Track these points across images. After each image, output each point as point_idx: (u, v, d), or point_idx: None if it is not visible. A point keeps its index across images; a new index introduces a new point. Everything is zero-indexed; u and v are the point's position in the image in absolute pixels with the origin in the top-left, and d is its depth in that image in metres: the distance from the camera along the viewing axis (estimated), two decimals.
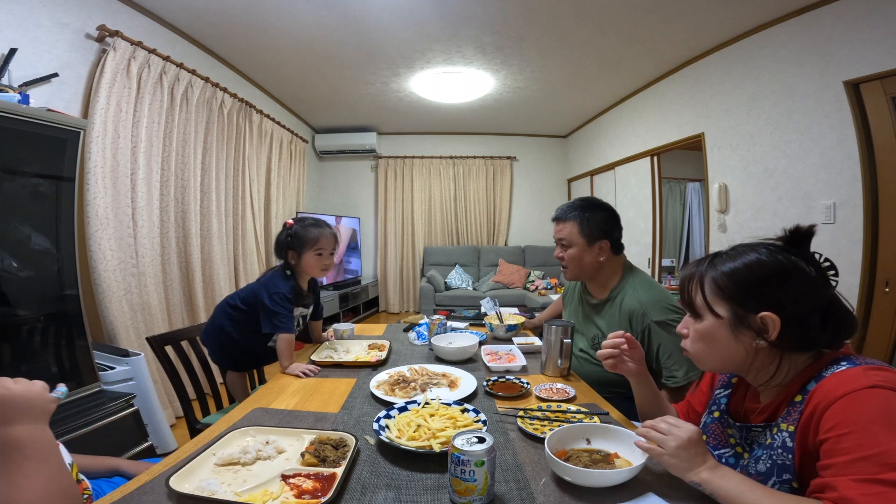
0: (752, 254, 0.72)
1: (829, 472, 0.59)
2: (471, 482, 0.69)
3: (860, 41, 2.23)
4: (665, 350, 1.27)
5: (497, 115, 5.10)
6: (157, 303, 2.61)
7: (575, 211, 1.43)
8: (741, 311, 0.71)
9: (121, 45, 2.32)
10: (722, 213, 3.21)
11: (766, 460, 0.71)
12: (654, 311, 1.30)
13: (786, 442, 0.68)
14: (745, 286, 0.71)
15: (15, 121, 1.50)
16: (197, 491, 0.72)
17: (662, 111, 3.84)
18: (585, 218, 1.41)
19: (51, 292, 1.70)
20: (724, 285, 0.73)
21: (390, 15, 2.78)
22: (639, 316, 1.31)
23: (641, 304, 1.32)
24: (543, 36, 3.08)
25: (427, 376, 1.29)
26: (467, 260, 5.80)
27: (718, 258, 0.76)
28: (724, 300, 0.73)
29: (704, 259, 0.78)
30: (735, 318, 0.72)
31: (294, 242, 1.58)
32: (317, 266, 1.61)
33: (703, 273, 0.76)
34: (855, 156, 2.28)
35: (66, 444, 0.78)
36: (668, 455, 0.72)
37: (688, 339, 0.80)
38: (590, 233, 1.40)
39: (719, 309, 0.73)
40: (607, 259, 1.42)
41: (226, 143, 3.39)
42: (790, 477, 0.67)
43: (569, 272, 1.48)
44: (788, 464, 0.67)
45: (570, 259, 1.44)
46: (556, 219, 1.48)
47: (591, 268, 1.43)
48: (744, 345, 0.72)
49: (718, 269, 0.74)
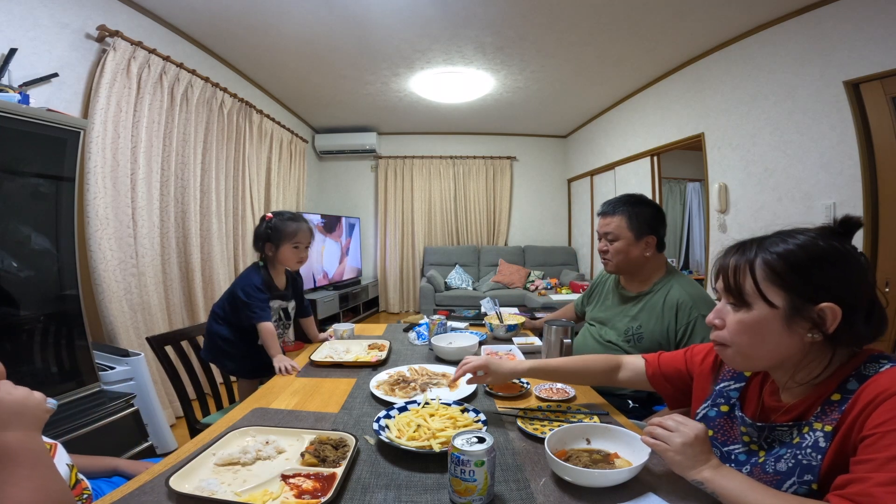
0: (802, 236, 0.66)
1: (863, 468, 0.56)
2: (471, 482, 0.69)
3: (860, 41, 2.23)
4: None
5: (497, 115, 5.10)
6: (157, 303, 2.61)
7: (623, 206, 1.45)
8: (799, 300, 0.64)
9: (121, 45, 2.32)
10: (722, 213, 3.21)
11: (788, 459, 0.67)
12: (703, 306, 1.32)
13: (818, 442, 0.64)
14: (802, 271, 0.64)
15: (15, 121, 1.50)
16: (197, 491, 0.72)
17: (662, 111, 3.84)
18: (634, 213, 1.43)
19: (51, 292, 1.70)
20: (780, 270, 0.65)
21: (390, 15, 2.78)
22: (686, 308, 1.33)
23: (691, 298, 1.34)
24: (543, 36, 3.08)
25: (427, 376, 1.29)
26: (467, 260, 5.80)
27: (767, 240, 0.69)
28: (780, 287, 0.65)
29: (749, 243, 0.71)
30: (791, 307, 0.65)
31: (272, 235, 1.66)
32: (293, 258, 1.69)
33: (754, 257, 0.68)
34: (855, 156, 2.28)
35: (65, 444, 0.78)
36: (673, 452, 0.71)
37: (722, 330, 0.73)
38: (638, 227, 1.42)
39: (773, 297, 0.66)
40: (652, 255, 1.44)
41: (226, 143, 3.39)
42: (812, 478, 0.64)
43: (611, 265, 1.49)
44: (815, 465, 0.64)
45: (615, 252, 1.45)
46: (603, 213, 1.50)
47: (636, 262, 1.45)
48: (798, 338, 0.65)
49: (770, 250, 0.67)
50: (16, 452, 0.57)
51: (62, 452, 0.73)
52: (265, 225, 1.68)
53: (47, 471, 0.59)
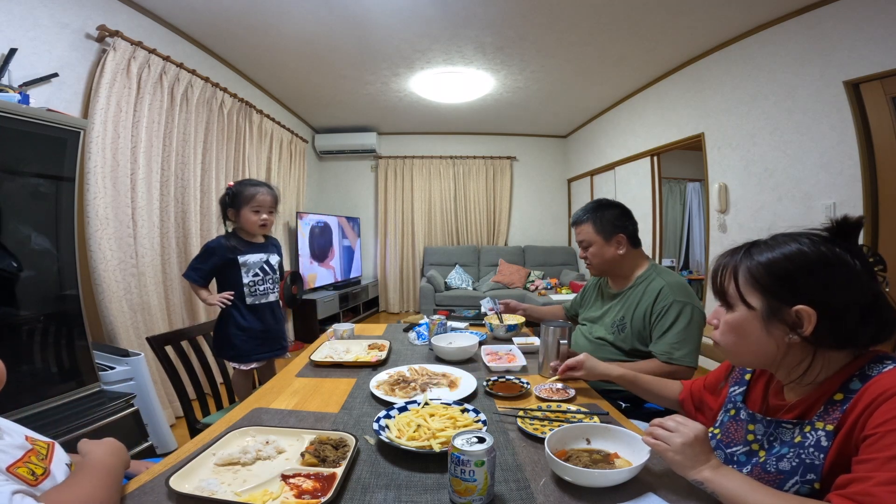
0: (793, 244, 0.69)
1: (864, 467, 0.57)
2: (471, 482, 0.69)
3: (860, 41, 2.23)
4: (676, 328, 1.35)
5: (497, 115, 5.10)
6: (157, 303, 2.61)
7: (589, 213, 1.54)
8: (775, 303, 0.68)
9: (121, 45, 2.32)
10: (722, 213, 3.21)
11: (791, 459, 0.68)
12: (679, 293, 1.39)
13: (820, 441, 0.65)
14: (781, 277, 0.68)
15: (15, 121, 1.50)
16: (197, 491, 0.72)
17: (663, 111, 3.84)
18: (598, 217, 1.52)
19: (51, 292, 1.70)
20: (760, 276, 0.69)
21: (390, 15, 2.78)
22: (665, 293, 1.39)
23: (669, 285, 1.41)
24: (543, 36, 3.08)
25: (427, 376, 1.29)
26: (467, 260, 5.80)
27: (756, 247, 0.72)
28: (758, 291, 0.70)
29: (741, 248, 0.75)
30: (768, 310, 0.69)
31: (234, 200, 1.78)
32: (255, 221, 1.79)
33: (739, 262, 0.73)
34: (855, 156, 2.28)
35: (66, 444, 0.78)
36: (673, 452, 0.71)
37: (718, 330, 0.77)
38: (605, 229, 1.50)
39: (752, 300, 0.70)
40: (627, 251, 1.51)
41: (226, 143, 3.39)
42: (814, 478, 0.64)
43: (594, 268, 1.58)
44: (817, 464, 0.64)
45: (592, 256, 1.55)
46: (574, 223, 1.60)
47: (613, 261, 1.52)
48: (775, 339, 0.69)
49: (755, 258, 0.71)
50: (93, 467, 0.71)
51: (60, 452, 0.74)
52: (226, 192, 1.80)
53: (105, 483, 0.70)
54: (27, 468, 0.64)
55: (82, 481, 0.67)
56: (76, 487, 0.66)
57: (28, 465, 0.64)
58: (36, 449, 0.69)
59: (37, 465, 0.66)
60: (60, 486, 0.66)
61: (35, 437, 0.73)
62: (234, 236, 1.83)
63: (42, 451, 0.70)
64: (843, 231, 0.68)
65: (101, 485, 0.68)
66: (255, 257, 1.83)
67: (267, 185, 1.83)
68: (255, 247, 1.85)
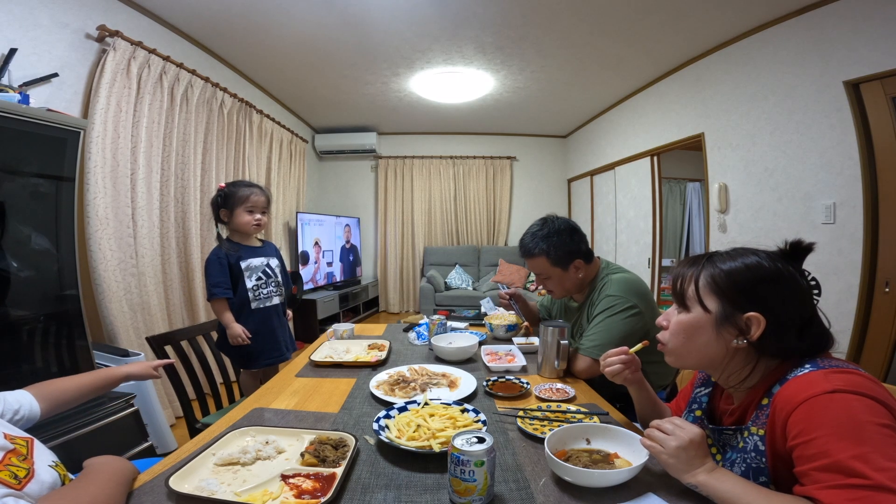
0: (753, 256, 0.74)
1: (805, 481, 0.60)
2: (470, 482, 0.69)
3: (860, 41, 2.23)
4: (597, 320, 1.37)
5: (497, 115, 5.10)
6: (157, 303, 2.61)
7: (538, 243, 1.43)
8: (730, 308, 0.72)
9: (121, 45, 2.32)
10: (722, 213, 3.21)
11: (740, 464, 0.72)
12: (615, 287, 1.39)
13: (757, 445, 0.69)
14: (740, 285, 0.72)
15: (15, 121, 1.50)
16: (197, 491, 0.72)
17: (662, 111, 3.84)
18: (550, 247, 1.42)
19: (51, 292, 1.70)
20: (721, 281, 0.74)
21: (390, 15, 2.78)
22: (605, 291, 1.40)
23: (612, 282, 1.41)
24: (543, 36, 3.08)
25: (427, 376, 1.29)
26: (467, 260, 5.80)
27: (717, 256, 0.77)
28: (717, 295, 0.74)
29: (702, 256, 0.79)
30: (722, 313, 0.73)
31: (226, 201, 1.77)
32: (249, 221, 1.78)
33: (701, 269, 0.77)
34: (855, 156, 2.28)
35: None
36: (667, 455, 0.72)
37: (667, 331, 0.81)
38: (560, 259, 1.43)
39: (709, 303, 0.74)
40: (585, 271, 1.48)
41: (226, 143, 3.39)
42: (766, 480, 0.68)
43: (556, 294, 1.56)
44: (763, 467, 0.68)
45: (553, 286, 1.51)
46: (524, 255, 1.51)
47: (574, 286, 1.50)
48: (724, 342, 0.73)
49: (718, 266, 0.75)
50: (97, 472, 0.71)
51: (41, 448, 0.71)
52: (218, 193, 1.79)
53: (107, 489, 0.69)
54: (9, 471, 0.61)
55: (87, 485, 0.66)
56: (80, 490, 0.64)
57: (9, 469, 0.62)
58: (16, 448, 0.67)
59: (18, 467, 0.63)
60: (63, 489, 0.64)
61: (13, 433, 0.71)
62: (228, 242, 1.81)
63: (22, 449, 0.68)
64: (795, 252, 0.74)
65: (105, 486, 0.66)
66: (256, 261, 1.82)
67: (259, 187, 1.82)
68: (254, 251, 1.84)
